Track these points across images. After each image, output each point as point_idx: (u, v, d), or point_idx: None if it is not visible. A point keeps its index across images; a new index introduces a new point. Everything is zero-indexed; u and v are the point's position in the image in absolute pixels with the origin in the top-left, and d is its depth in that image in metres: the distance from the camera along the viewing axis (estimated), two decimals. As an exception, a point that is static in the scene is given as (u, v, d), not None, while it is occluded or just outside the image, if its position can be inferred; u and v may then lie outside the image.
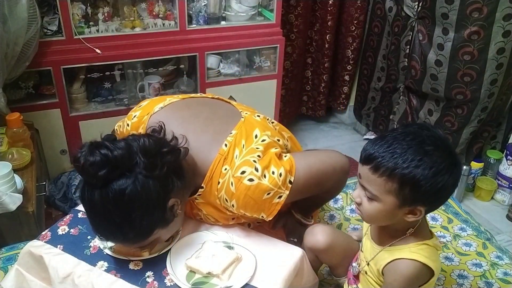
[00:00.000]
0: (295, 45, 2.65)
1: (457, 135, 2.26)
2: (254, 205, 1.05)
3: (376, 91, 2.70)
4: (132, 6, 2.03)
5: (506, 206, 2.30)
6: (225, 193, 1.06)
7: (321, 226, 1.21)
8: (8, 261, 1.28)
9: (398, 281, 0.97)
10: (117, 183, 0.93)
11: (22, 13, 1.67)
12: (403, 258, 0.97)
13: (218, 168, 1.07)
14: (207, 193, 1.10)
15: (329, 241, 1.14)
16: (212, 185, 1.08)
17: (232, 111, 1.20)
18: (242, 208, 1.06)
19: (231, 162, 1.06)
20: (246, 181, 1.03)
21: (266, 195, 1.04)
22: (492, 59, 2.01)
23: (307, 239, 1.18)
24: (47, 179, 2.06)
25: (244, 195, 1.04)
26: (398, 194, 0.88)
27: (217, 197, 1.09)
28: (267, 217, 1.09)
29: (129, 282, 1.00)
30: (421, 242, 0.99)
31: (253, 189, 1.03)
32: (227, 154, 1.07)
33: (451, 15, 1.99)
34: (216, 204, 1.11)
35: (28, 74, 1.95)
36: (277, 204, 1.07)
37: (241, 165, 1.05)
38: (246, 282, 1.00)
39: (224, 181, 1.06)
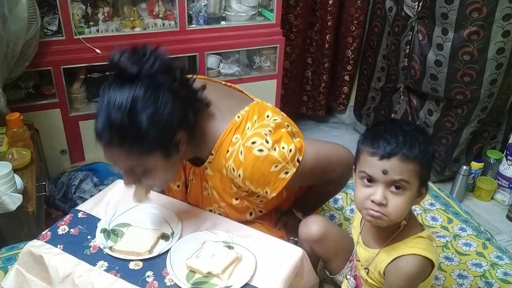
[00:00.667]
0: (295, 45, 2.65)
1: (457, 135, 2.26)
2: (260, 177, 1.06)
3: (376, 91, 2.70)
4: (132, 6, 2.03)
5: (506, 206, 2.30)
6: (233, 162, 1.07)
7: (314, 216, 1.20)
8: (8, 261, 1.28)
9: (401, 278, 0.97)
10: (146, 81, 0.95)
11: (22, 13, 1.67)
12: (402, 255, 0.97)
13: (229, 136, 1.08)
14: (216, 161, 1.11)
15: (323, 231, 1.15)
16: (221, 154, 1.09)
17: (245, 96, 1.23)
18: (248, 179, 1.07)
19: (243, 132, 1.08)
20: (256, 151, 1.04)
21: (274, 168, 1.06)
22: (491, 59, 2.01)
23: (301, 230, 1.19)
24: (47, 179, 2.06)
25: (252, 165, 1.05)
26: (420, 174, 0.92)
27: (224, 167, 1.09)
28: (270, 193, 1.10)
29: (129, 282, 1.00)
30: (415, 235, 0.99)
31: (262, 159, 1.04)
32: (239, 124, 1.09)
33: (451, 15, 1.99)
34: (223, 175, 1.12)
35: (28, 74, 1.95)
36: (282, 180, 1.08)
37: (252, 136, 1.06)
38: (246, 282, 1.00)
39: (233, 150, 1.07)
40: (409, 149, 0.90)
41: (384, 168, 0.90)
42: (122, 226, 1.15)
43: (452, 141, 2.28)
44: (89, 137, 2.14)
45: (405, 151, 0.90)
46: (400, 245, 0.99)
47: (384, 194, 0.92)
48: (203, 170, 1.16)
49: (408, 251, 0.96)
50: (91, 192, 1.95)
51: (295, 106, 2.89)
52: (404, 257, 0.97)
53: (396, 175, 0.90)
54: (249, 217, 1.23)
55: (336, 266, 1.22)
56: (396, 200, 0.92)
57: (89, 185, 2.03)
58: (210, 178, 1.16)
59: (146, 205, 1.22)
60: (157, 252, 1.07)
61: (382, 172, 0.91)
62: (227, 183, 1.13)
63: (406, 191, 0.92)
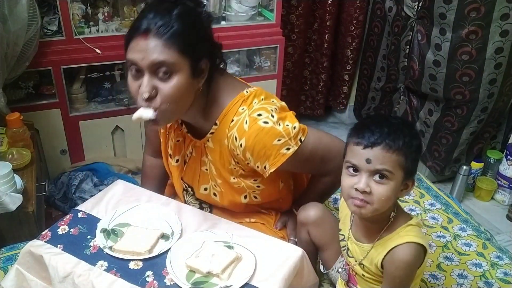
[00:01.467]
0: (296, 46, 2.66)
1: (457, 135, 2.26)
2: (262, 148, 1.07)
3: (376, 91, 2.70)
4: (132, 6, 2.03)
5: (506, 206, 2.30)
6: (237, 130, 1.08)
7: (313, 202, 1.23)
8: (8, 261, 1.28)
9: (401, 267, 0.99)
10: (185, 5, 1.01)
11: (22, 13, 1.68)
12: (398, 245, 0.99)
13: (236, 107, 1.10)
14: (219, 131, 1.12)
15: (320, 215, 1.18)
16: (225, 123, 1.11)
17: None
18: (249, 150, 1.08)
19: (249, 105, 1.10)
20: (261, 122, 1.06)
21: (277, 141, 1.07)
22: (490, 58, 2.01)
23: (300, 214, 1.22)
24: (47, 179, 2.06)
25: (255, 135, 1.06)
26: (404, 166, 0.94)
27: (226, 137, 1.11)
28: (269, 168, 1.10)
29: (129, 281, 1.00)
30: (406, 224, 1.01)
31: (266, 131, 1.06)
32: (246, 98, 1.11)
33: (449, 15, 1.99)
34: (223, 148, 1.13)
35: (28, 74, 1.95)
36: (283, 155, 1.09)
37: (259, 109, 1.09)
38: (246, 281, 1.00)
39: (238, 119, 1.09)
40: (393, 140, 0.93)
41: (368, 157, 0.93)
42: (122, 226, 1.15)
43: (452, 141, 2.28)
44: (89, 137, 2.14)
45: (389, 141, 0.93)
46: (392, 236, 1.01)
47: (368, 183, 0.94)
48: (204, 143, 1.17)
49: (402, 240, 0.98)
50: (91, 192, 1.95)
51: (294, 105, 2.90)
52: (399, 246, 0.98)
53: (379, 165, 0.93)
54: (243, 200, 1.23)
55: (330, 256, 1.23)
56: (380, 188, 0.94)
57: (89, 185, 2.03)
58: (210, 151, 1.17)
59: (146, 205, 1.22)
60: (157, 252, 1.07)
61: (366, 161, 0.93)
62: (226, 157, 1.14)
63: (389, 181, 0.94)
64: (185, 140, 1.23)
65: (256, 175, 1.18)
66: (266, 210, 1.33)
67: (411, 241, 0.98)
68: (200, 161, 1.21)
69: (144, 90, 0.98)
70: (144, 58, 0.97)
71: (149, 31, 0.97)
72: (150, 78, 0.99)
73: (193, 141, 1.20)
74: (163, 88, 0.99)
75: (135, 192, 1.27)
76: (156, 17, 0.98)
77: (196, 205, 1.32)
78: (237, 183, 1.19)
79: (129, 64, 1.01)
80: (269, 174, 1.12)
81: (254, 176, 1.18)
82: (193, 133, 1.20)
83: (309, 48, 2.78)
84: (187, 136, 1.21)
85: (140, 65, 0.98)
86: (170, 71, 0.99)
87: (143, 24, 0.98)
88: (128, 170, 2.22)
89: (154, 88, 0.99)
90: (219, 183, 1.20)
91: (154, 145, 1.37)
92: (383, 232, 1.02)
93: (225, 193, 1.22)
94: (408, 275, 0.99)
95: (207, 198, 1.27)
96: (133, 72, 1.01)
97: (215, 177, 1.20)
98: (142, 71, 0.99)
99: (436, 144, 2.35)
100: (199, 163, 1.22)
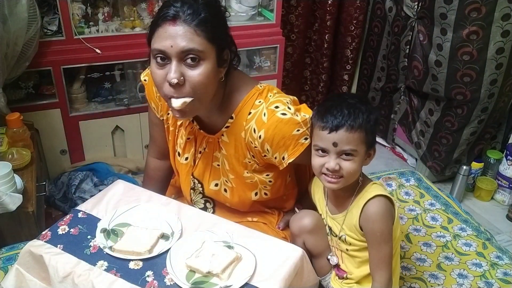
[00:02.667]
0: (296, 46, 2.66)
1: (457, 135, 2.26)
2: (281, 139, 1.09)
3: (376, 91, 2.70)
4: (132, 6, 2.04)
5: (506, 206, 2.30)
6: (255, 122, 1.10)
7: (305, 210, 1.25)
8: (8, 261, 1.28)
9: (376, 220, 1.07)
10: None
11: (22, 13, 1.68)
12: (368, 200, 1.08)
13: (252, 100, 1.13)
14: (235, 124, 1.14)
15: (315, 223, 1.19)
16: (242, 116, 1.12)
17: None
18: (268, 142, 1.09)
19: (265, 98, 1.12)
20: (279, 114, 1.09)
21: (296, 131, 1.09)
22: (491, 59, 2.01)
23: (293, 224, 1.23)
24: (47, 179, 2.06)
25: (275, 127, 1.08)
26: (366, 140, 1.05)
27: (243, 129, 1.12)
28: (288, 158, 1.12)
29: (129, 281, 1.00)
30: (371, 183, 1.12)
31: (285, 121, 1.08)
32: (261, 91, 1.14)
33: (450, 15, 1.99)
34: (239, 141, 1.14)
35: (28, 74, 1.95)
36: (301, 145, 1.11)
37: (276, 101, 1.11)
38: (246, 281, 1.00)
39: (256, 112, 1.11)
40: (354, 120, 1.02)
41: (334, 141, 1.03)
42: (122, 226, 1.15)
43: (453, 141, 2.28)
44: (89, 137, 2.14)
45: (350, 122, 1.02)
46: (362, 195, 1.10)
47: (337, 162, 1.04)
48: (219, 137, 1.18)
49: (370, 195, 1.08)
50: (91, 192, 1.96)
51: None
52: (369, 201, 1.08)
53: (345, 146, 1.03)
54: (253, 197, 1.24)
55: (324, 266, 1.24)
56: (348, 165, 1.04)
57: (89, 185, 2.03)
58: (225, 145, 1.17)
59: (146, 205, 1.22)
60: (157, 252, 1.07)
61: (333, 145, 1.03)
62: (242, 151, 1.15)
63: (355, 157, 1.05)
64: (197, 137, 1.22)
65: (269, 169, 1.19)
66: (269, 210, 1.33)
67: (378, 194, 1.08)
68: (212, 156, 1.21)
69: (173, 77, 0.98)
70: (173, 45, 0.97)
71: (178, 17, 0.98)
72: (178, 65, 0.99)
73: (206, 137, 1.20)
74: (191, 75, 0.99)
75: (135, 192, 1.27)
76: (184, 5, 0.98)
77: (201, 204, 1.32)
78: (250, 177, 1.20)
79: (155, 53, 1.01)
80: (286, 165, 1.14)
81: (266, 171, 1.20)
82: (205, 130, 1.20)
83: (310, 48, 2.78)
84: (199, 132, 1.21)
85: (169, 52, 0.98)
86: (198, 59, 0.99)
87: (171, 11, 0.98)
88: (128, 170, 2.22)
89: (182, 75, 0.99)
90: (231, 178, 1.21)
91: (159, 146, 1.37)
92: (354, 196, 1.11)
93: (236, 189, 1.22)
94: (385, 226, 1.07)
95: (217, 194, 1.27)
96: (159, 61, 1.00)
97: (228, 172, 1.20)
98: (169, 59, 0.99)
99: (436, 144, 2.35)
100: (211, 158, 1.22)
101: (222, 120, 1.15)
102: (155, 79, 1.03)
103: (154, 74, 1.02)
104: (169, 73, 0.99)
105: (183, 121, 1.22)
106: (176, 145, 1.28)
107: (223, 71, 1.07)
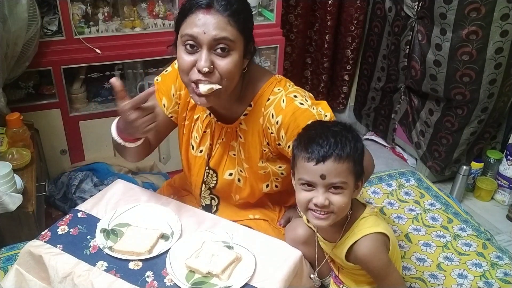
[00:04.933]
0: (295, 45, 2.65)
1: (457, 135, 2.26)
2: (295, 129, 1.09)
3: (376, 91, 2.70)
4: (132, 6, 2.03)
5: (506, 206, 2.30)
6: (274, 108, 1.12)
7: (299, 220, 1.22)
8: (8, 261, 1.28)
9: (368, 260, 1.01)
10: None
11: (22, 13, 1.68)
12: (357, 241, 1.02)
13: (270, 87, 1.15)
14: (253, 112, 1.16)
15: (309, 233, 1.16)
16: (260, 103, 1.14)
17: None
18: (284, 128, 1.11)
19: (284, 86, 1.15)
20: (297, 102, 1.11)
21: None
22: (490, 58, 2.01)
23: (287, 234, 1.21)
24: (47, 179, 2.06)
25: (292, 114, 1.10)
26: (354, 171, 0.97)
27: (262, 115, 1.14)
28: None
29: (128, 282, 1.00)
30: (359, 218, 1.05)
31: (301, 111, 1.10)
32: (279, 80, 1.17)
33: (449, 15, 1.99)
34: (256, 128, 1.16)
35: (28, 74, 1.95)
36: None
37: (294, 91, 1.14)
38: (245, 282, 1.00)
39: (275, 98, 1.13)
40: (341, 149, 0.95)
41: (322, 173, 0.95)
42: (121, 226, 1.15)
43: (453, 141, 2.28)
44: (89, 137, 2.14)
45: (338, 151, 0.95)
46: (349, 234, 1.04)
47: (326, 196, 0.96)
48: (237, 126, 1.19)
49: (357, 236, 1.02)
50: (91, 192, 1.95)
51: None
52: (358, 242, 1.02)
53: (334, 178, 0.95)
54: (264, 189, 1.25)
55: (324, 269, 1.22)
56: (337, 198, 0.97)
57: (89, 185, 2.03)
58: (243, 133, 1.19)
59: (146, 205, 1.22)
60: (157, 252, 1.07)
61: (320, 177, 0.95)
62: (259, 138, 1.17)
63: (345, 189, 0.97)
64: (214, 129, 1.23)
65: (282, 160, 1.20)
66: (272, 205, 1.34)
67: (365, 234, 1.01)
68: (229, 146, 1.23)
69: (204, 65, 0.99)
70: (206, 32, 0.99)
71: (212, 6, 0.99)
72: (208, 53, 1.00)
73: (224, 127, 1.21)
74: (221, 64, 1.01)
75: (135, 192, 1.27)
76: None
77: (207, 200, 1.33)
78: (264, 168, 1.21)
79: (185, 39, 1.01)
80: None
81: (280, 162, 1.21)
82: (222, 121, 1.21)
83: (310, 48, 2.78)
84: (217, 124, 1.22)
85: (200, 39, 0.99)
86: (228, 48, 1.01)
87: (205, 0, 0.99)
88: (128, 170, 2.22)
89: (212, 64, 1.01)
90: (246, 167, 1.22)
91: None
92: (343, 232, 1.05)
93: (249, 179, 1.23)
94: (382, 263, 1.02)
95: (229, 185, 1.27)
96: (188, 48, 1.01)
97: (243, 161, 1.22)
98: (200, 46, 1.00)
99: (436, 144, 2.35)
100: (228, 148, 1.23)
101: (240, 109, 1.17)
102: (182, 64, 1.03)
103: (181, 59, 1.03)
104: (200, 61, 1.00)
105: (199, 115, 1.24)
106: (190, 139, 1.28)
107: (246, 62, 1.10)
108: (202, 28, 0.98)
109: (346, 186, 0.96)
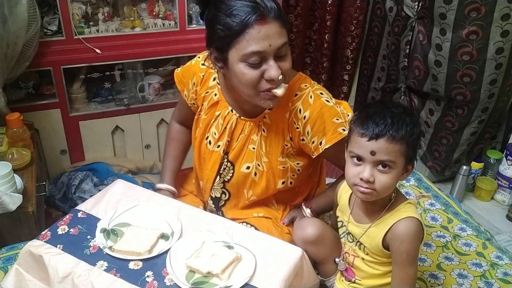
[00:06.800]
0: (295, 45, 2.65)
1: (457, 135, 2.26)
2: (321, 124, 1.14)
3: (376, 91, 2.70)
4: (132, 6, 2.04)
5: (506, 206, 2.30)
6: (301, 103, 1.16)
7: (308, 219, 1.24)
8: (8, 261, 1.28)
9: (405, 241, 1.02)
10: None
11: (22, 13, 1.68)
12: (399, 220, 1.03)
13: (297, 83, 1.18)
14: (279, 107, 1.17)
15: (319, 233, 1.17)
16: (287, 97, 1.15)
17: None
18: (311, 122, 1.14)
19: (310, 83, 1.19)
20: (324, 99, 1.16)
21: (336, 120, 1.15)
22: (491, 59, 2.01)
23: (296, 233, 1.21)
24: (47, 179, 2.06)
25: (319, 109, 1.14)
26: (406, 154, 0.98)
27: (288, 110, 1.17)
28: (325, 144, 1.16)
29: (128, 281, 1.00)
30: (405, 202, 1.07)
31: (328, 108, 1.15)
32: (305, 78, 1.21)
33: (449, 15, 1.99)
34: (283, 120, 1.18)
35: (28, 74, 1.95)
36: (339, 134, 1.15)
37: (320, 89, 1.19)
38: (246, 282, 1.00)
39: (303, 94, 1.17)
40: (396, 131, 0.96)
41: (372, 149, 0.97)
42: (122, 226, 1.15)
43: (453, 141, 2.28)
44: (89, 137, 2.14)
45: (393, 132, 0.96)
46: (393, 214, 1.06)
47: (372, 173, 0.98)
48: (260, 120, 1.21)
49: (403, 215, 1.04)
50: (91, 192, 1.95)
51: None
52: (401, 221, 1.03)
53: (383, 156, 0.97)
54: (279, 185, 1.25)
55: (329, 269, 1.23)
56: (383, 177, 0.99)
57: (89, 185, 2.03)
58: (267, 127, 1.20)
59: (146, 205, 1.22)
60: (157, 252, 1.07)
61: (370, 153, 0.97)
62: (282, 132, 1.20)
63: (392, 169, 0.99)
64: (236, 125, 1.24)
65: (301, 156, 1.22)
66: (276, 205, 1.34)
67: (412, 216, 1.03)
68: (249, 139, 1.23)
69: (278, 73, 1.03)
70: (271, 44, 1.01)
71: (266, 16, 1.00)
72: (275, 60, 1.04)
73: (247, 122, 1.22)
74: (283, 66, 1.06)
75: (135, 192, 1.27)
76: (263, 1, 1.01)
77: (218, 193, 1.33)
78: (284, 163, 1.22)
79: (249, 57, 1.02)
80: (322, 150, 1.16)
81: (299, 158, 1.23)
82: (245, 116, 1.23)
83: (309, 48, 2.78)
84: (240, 120, 1.23)
85: (268, 52, 1.02)
86: (286, 51, 1.06)
87: (254, 11, 0.99)
88: (128, 170, 2.22)
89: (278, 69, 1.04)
90: (265, 161, 1.22)
91: (182, 116, 1.44)
92: (384, 212, 1.06)
93: (267, 174, 1.24)
94: (413, 248, 1.03)
95: (246, 177, 1.27)
96: (254, 62, 1.02)
97: (263, 155, 1.22)
98: (265, 58, 1.02)
99: (436, 144, 2.35)
100: (247, 141, 1.24)
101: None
102: (248, 80, 1.04)
103: (245, 75, 1.04)
104: (271, 70, 1.03)
105: (221, 111, 1.25)
106: (207, 133, 1.29)
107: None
108: (267, 41, 1.00)
109: (394, 166, 0.98)
